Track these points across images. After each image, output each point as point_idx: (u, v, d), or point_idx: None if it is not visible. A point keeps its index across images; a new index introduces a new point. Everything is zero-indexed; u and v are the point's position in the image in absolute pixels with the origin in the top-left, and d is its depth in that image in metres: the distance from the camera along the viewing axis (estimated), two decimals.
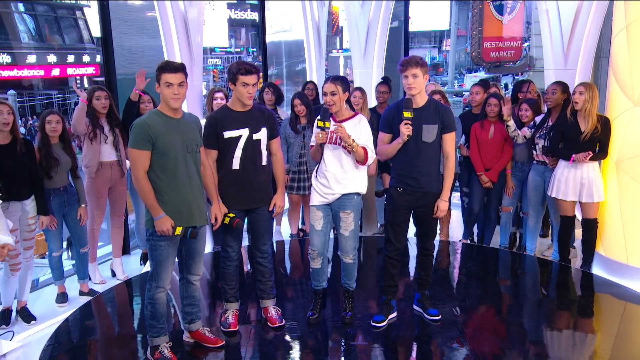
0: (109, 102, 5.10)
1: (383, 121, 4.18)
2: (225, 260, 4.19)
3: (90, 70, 25.15)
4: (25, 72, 24.10)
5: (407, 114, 3.92)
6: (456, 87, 28.29)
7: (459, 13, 29.27)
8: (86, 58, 26.91)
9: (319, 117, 3.96)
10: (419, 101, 4.02)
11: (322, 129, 3.90)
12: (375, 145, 4.20)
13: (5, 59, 23.65)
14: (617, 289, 4.95)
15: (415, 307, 4.46)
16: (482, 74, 27.62)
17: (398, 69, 3.97)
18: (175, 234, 3.58)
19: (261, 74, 6.12)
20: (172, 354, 3.77)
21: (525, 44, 18.39)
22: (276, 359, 3.99)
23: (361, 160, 3.95)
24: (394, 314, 4.37)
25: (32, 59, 24.64)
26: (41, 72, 24.32)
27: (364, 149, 3.92)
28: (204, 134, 3.99)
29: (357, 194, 4.10)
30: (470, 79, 26.85)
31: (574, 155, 5.01)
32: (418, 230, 4.35)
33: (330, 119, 3.98)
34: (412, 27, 33.81)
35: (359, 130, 3.98)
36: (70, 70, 25.65)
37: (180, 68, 3.53)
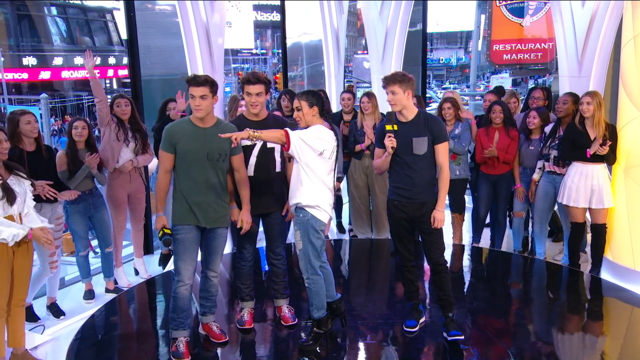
0: (130, 108, 5.26)
1: (377, 136, 4.25)
2: (240, 261, 4.40)
3: (121, 72, 25.78)
4: (57, 74, 24.73)
5: (389, 127, 3.99)
6: (482, 89, 28.14)
7: (484, 14, 29.14)
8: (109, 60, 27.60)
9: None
10: (408, 115, 4.05)
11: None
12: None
13: (36, 61, 24.32)
14: (625, 293, 5.02)
15: (444, 334, 4.22)
16: (506, 76, 27.55)
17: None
18: (159, 234, 3.89)
19: (275, 80, 6.24)
20: (186, 349, 3.96)
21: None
22: (289, 357, 4.16)
23: (282, 142, 3.78)
24: (424, 318, 4.45)
25: (63, 61, 25.24)
26: (72, 74, 24.89)
27: (285, 131, 3.78)
28: None
29: (304, 212, 3.96)
30: (496, 81, 26.71)
31: (589, 150, 5.07)
32: (423, 243, 4.27)
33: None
34: (438, 28, 33.73)
35: (301, 131, 3.94)
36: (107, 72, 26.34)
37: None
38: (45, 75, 24.33)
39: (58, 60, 25.03)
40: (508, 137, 5.65)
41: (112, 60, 27.53)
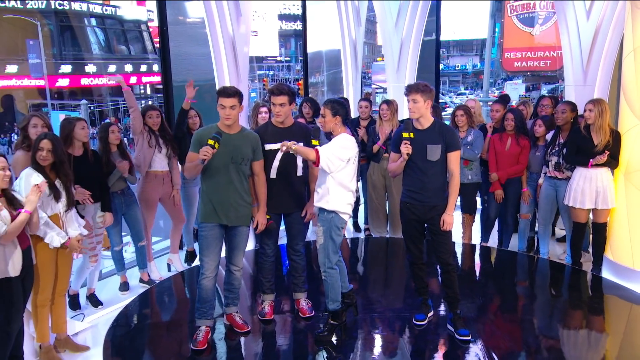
0: (160, 119, 5.58)
1: (393, 142, 4.54)
2: (263, 256, 4.72)
3: (155, 78, 26.50)
4: (96, 81, 25.57)
5: (405, 135, 4.29)
6: (496, 95, 28.19)
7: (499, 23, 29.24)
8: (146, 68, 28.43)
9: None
10: (424, 123, 4.33)
11: (312, 146, 4.24)
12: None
13: (80, 68, 25.17)
14: (624, 291, 5.26)
15: (448, 326, 4.53)
16: (519, 82, 27.43)
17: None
18: (209, 143, 4.06)
19: (298, 87, 6.52)
20: (204, 339, 4.29)
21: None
22: (306, 346, 4.46)
23: (312, 160, 4.11)
24: (432, 313, 4.73)
25: (102, 68, 26.10)
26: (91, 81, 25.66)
27: (315, 150, 4.11)
28: None
29: (328, 211, 4.26)
30: (510, 87, 26.63)
31: (591, 160, 5.34)
32: (432, 243, 4.47)
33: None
34: (455, 36, 33.84)
35: (328, 144, 4.25)
36: (133, 79, 27.14)
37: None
38: (84, 81, 25.21)
39: (97, 68, 25.93)
40: (518, 145, 5.93)
41: (143, 68, 28.43)
